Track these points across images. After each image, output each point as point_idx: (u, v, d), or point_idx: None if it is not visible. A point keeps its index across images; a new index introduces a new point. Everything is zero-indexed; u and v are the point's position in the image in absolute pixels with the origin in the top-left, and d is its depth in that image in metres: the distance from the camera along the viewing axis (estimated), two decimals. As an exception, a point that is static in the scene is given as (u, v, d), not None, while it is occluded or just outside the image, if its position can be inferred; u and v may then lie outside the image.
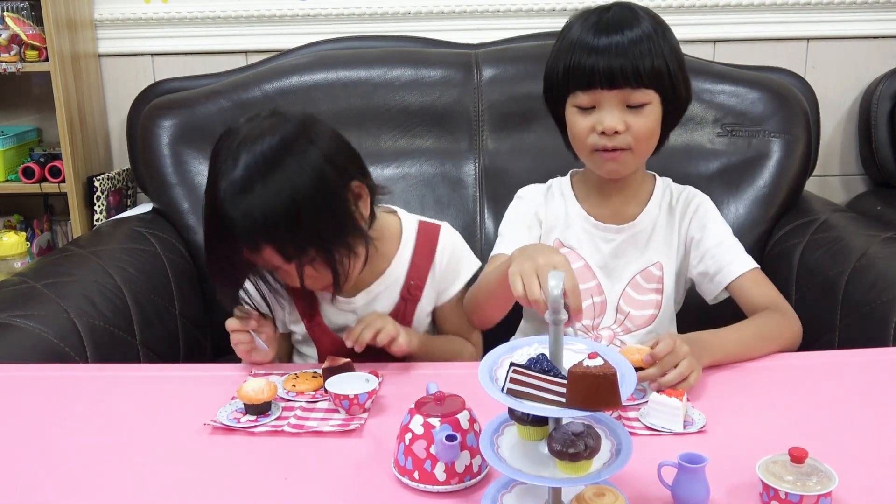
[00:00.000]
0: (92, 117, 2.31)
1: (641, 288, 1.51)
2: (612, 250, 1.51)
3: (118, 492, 1.01)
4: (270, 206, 1.19)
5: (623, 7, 1.42)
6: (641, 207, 1.51)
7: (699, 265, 1.48)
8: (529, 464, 0.88)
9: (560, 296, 0.87)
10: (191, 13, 2.30)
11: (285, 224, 1.20)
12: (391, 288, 1.46)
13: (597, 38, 1.36)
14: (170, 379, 1.35)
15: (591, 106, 1.39)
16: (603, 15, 1.40)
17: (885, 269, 1.56)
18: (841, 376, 1.26)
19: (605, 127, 1.37)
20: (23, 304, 1.50)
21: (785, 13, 2.28)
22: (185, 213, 1.96)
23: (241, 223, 1.21)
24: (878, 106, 2.25)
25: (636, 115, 1.38)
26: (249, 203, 1.20)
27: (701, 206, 1.51)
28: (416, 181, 1.96)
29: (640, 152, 1.42)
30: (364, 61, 2.03)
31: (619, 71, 1.35)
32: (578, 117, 1.41)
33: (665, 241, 1.51)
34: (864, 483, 0.97)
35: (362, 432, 1.13)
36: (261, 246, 1.23)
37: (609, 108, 1.38)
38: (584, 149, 1.43)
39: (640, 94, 1.37)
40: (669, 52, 1.39)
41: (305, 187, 1.21)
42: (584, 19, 1.42)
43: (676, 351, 1.19)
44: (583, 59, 1.36)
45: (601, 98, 1.38)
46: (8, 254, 2.20)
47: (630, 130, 1.38)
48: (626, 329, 1.50)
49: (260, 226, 1.20)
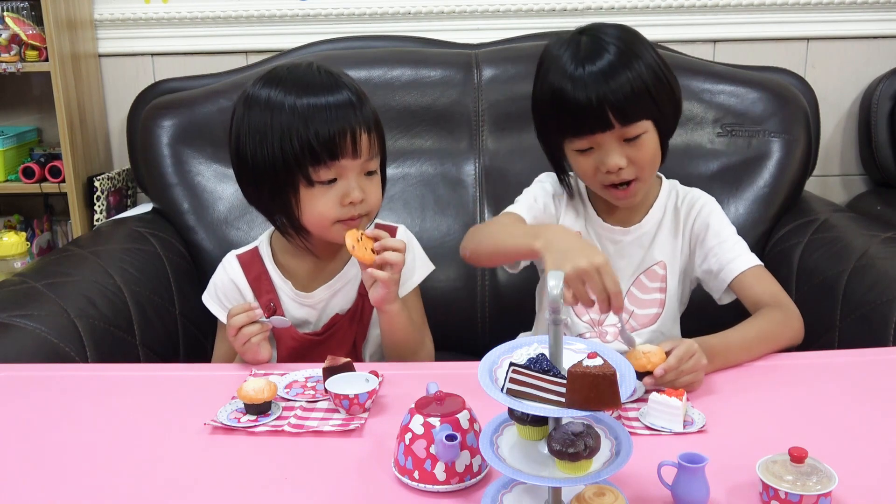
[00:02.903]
0: (92, 117, 2.31)
1: (645, 287, 1.51)
2: (617, 251, 1.52)
3: (118, 491, 1.01)
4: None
5: (591, 38, 1.39)
6: (647, 210, 1.52)
7: (703, 264, 1.49)
8: (529, 464, 0.88)
9: (559, 296, 0.87)
10: (191, 13, 2.30)
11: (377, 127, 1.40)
12: (350, 285, 1.49)
13: (576, 91, 1.35)
14: (170, 379, 1.35)
15: (589, 147, 1.40)
16: (576, 54, 1.38)
17: (885, 269, 1.56)
18: (841, 376, 1.26)
19: (608, 167, 1.39)
20: (23, 304, 1.50)
21: (785, 13, 2.28)
22: (185, 213, 1.96)
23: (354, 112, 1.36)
24: (878, 106, 2.25)
25: (636, 147, 1.39)
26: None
27: (705, 207, 1.52)
28: (416, 181, 1.96)
29: (647, 178, 1.45)
30: (364, 61, 2.03)
31: (607, 114, 1.35)
32: (580, 159, 1.43)
33: (669, 241, 1.52)
34: (864, 483, 0.97)
35: (362, 432, 1.13)
36: (369, 127, 1.37)
37: (608, 147, 1.39)
38: (595, 185, 1.46)
39: (633, 127, 1.38)
40: (647, 71, 1.36)
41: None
42: (556, 62, 1.39)
43: (696, 363, 1.19)
44: (569, 111, 1.37)
45: (597, 140, 1.39)
46: (8, 254, 2.20)
47: (633, 164, 1.39)
48: (631, 328, 1.51)
49: (370, 108, 1.40)
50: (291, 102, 1.35)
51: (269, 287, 1.49)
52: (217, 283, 1.52)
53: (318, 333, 1.48)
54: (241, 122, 1.40)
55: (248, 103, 1.40)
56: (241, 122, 1.40)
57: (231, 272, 1.50)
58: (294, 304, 1.48)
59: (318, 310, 1.49)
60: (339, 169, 1.36)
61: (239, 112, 1.41)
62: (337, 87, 1.37)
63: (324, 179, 1.37)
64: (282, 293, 1.48)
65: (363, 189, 1.39)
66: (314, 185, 1.37)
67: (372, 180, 1.42)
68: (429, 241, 1.80)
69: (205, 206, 1.95)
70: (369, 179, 1.41)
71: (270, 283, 1.49)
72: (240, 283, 1.49)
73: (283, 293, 1.48)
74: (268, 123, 1.36)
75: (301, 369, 1.32)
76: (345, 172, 1.37)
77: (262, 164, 1.37)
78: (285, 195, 1.39)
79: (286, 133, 1.34)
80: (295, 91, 1.36)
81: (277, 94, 1.37)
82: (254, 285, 1.49)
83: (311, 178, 1.36)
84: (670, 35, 2.23)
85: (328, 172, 1.36)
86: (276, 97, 1.37)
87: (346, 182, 1.37)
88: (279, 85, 1.38)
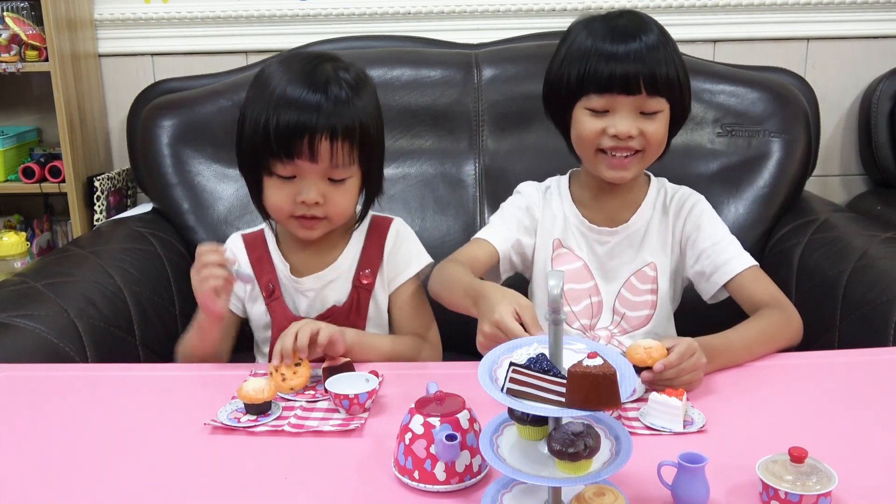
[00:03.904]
0: (92, 117, 2.31)
1: (636, 289, 1.51)
2: (607, 252, 1.51)
3: (118, 491, 1.01)
4: (366, 111, 1.37)
5: (633, 15, 1.43)
6: (635, 209, 1.51)
7: (695, 265, 1.49)
8: (529, 463, 0.88)
9: (560, 296, 0.87)
10: (191, 13, 2.30)
11: (373, 128, 1.38)
12: (343, 276, 1.49)
13: (614, 45, 1.37)
14: (170, 379, 1.35)
15: (604, 110, 1.40)
16: (614, 22, 1.40)
17: (885, 269, 1.56)
18: (841, 376, 1.26)
19: (618, 131, 1.38)
20: (23, 304, 1.50)
21: (785, 13, 2.28)
22: (185, 213, 1.96)
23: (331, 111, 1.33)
24: (878, 106, 2.25)
25: (649, 121, 1.40)
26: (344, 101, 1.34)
27: (696, 206, 1.52)
28: (416, 181, 1.96)
29: (649, 157, 1.44)
30: (364, 61, 2.02)
31: (637, 77, 1.36)
32: (589, 118, 1.41)
33: (659, 242, 1.51)
34: (864, 483, 0.97)
35: (362, 432, 1.13)
36: (335, 136, 1.33)
37: (624, 113, 1.39)
38: (589, 150, 1.44)
39: (654, 101, 1.38)
40: (679, 61, 1.41)
41: (377, 114, 1.42)
42: (590, 27, 1.41)
43: (696, 362, 1.19)
44: (600, 66, 1.37)
45: (616, 103, 1.38)
46: (8, 254, 2.20)
47: (643, 136, 1.39)
48: (623, 330, 1.51)
49: (349, 119, 1.34)
50: (272, 89, 1.35)
51: (269, 268, 1.49)
52: None
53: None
54: (247, 92, 1.42)
55: (256, 76, 1.42)
56: (247, 92, 1.42)
57: (235, 249, 1.51)
58: (289, 287, 1.49)
59: (309, 298, 1.49)
60: (296, 168, 1.35)
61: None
62: (325, 87, 1.34)
63: (281, 174, 1.37)
64: (280, 274, 1.49)
65: (324, 194, 1.37)
66: (273, 176, 1.37)
67: (338, 188, 1.38)
68: (429, 241, 1.79)
69: (205, 206, 1.96)
70: (336, 186, 1.38)
71: (271, 264, 1.49)
72: (242, 260, 1.49)
73: (282, 274, 1.49)
74: (254, 103, 1.37)
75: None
76: (303, 173, 1.36)
77: (241, 140, 1.40)
78: (254, 177, 1.41)
79: (258, 118, 1.35)
80: (286, 79, 1.35)
81: (273, 77, 1.37)
82: (255, 265, 1.49)
83: (271, 168, 1.36)
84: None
85: (285, 169, 1.36)
86: (270, 79, 1.37)
87: (304, 182, 1.36)
88: (282, 66, 1.39)
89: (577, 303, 1.50)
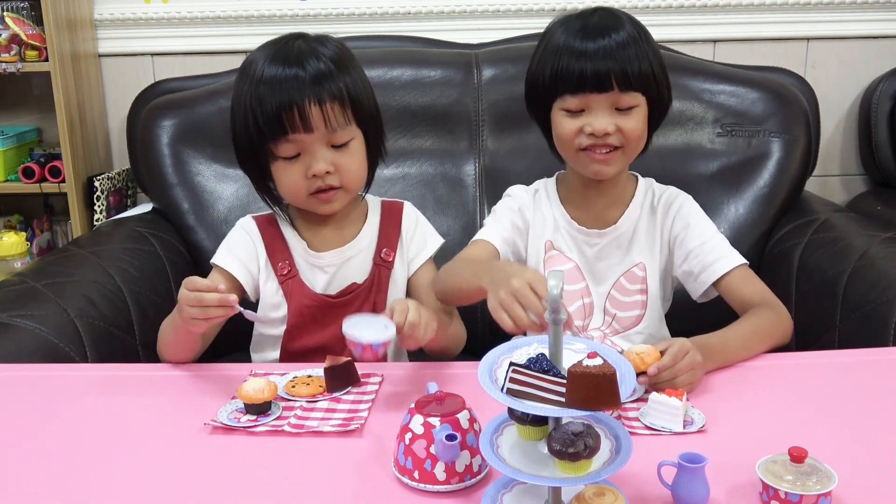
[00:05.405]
0: (92, 117, 2.32)
1: (626, 290, 1.51)
2: (596, 254, 1.51)
3: (118, 491, 1.01)
4: (347, 71, 1.38)
5: (606, 12, 1.43)
6: (623, 210, 1.51)
7: (683, 264, 1.49)
8: (529, 463, 0.88)
9: (559, 295, 0.87)
10: (191, 13, 2.30)
11: (359, 85, 1.39)
12: (363, 253, 1.50)
13: (584, 43, 1.37)
14: (170, 379, 1.35)
15: (579, 109, 1.40)
16: (587, 20, 1.41)
17: (885, 269, 1.55)
18: (841, 376, 1.26)
19: (594, 129, 1.38)
20: (23, 304, 1.50)
21: (785, 13, 2.28)
22: (185, 213, 1.96)
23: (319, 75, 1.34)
24: (878, 106, 2.25)
25: (625, 117, 1.39)
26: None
27: (683, 206, 1.52)
28: (416, 181, 1.96)
29: (629, 153, 1.44)
30: (364, 61, 2.01)
31: (608, 74, 1.36)
32: (566, 119, 1.42)
33: (647, 242, 1.51)
34: (864, 483, 0.97)
35: (362, 432, 1.13)
36: (322, 100, 1.33)
37: (598, 111, 1.39)
38: (570, 150, 1.44)
39: (628, 97, 1.38)
40: (654, 56, 1.41)
41: (361, 74, 1.44)
42: (566, 24, 1.42)
43: (691, 362, 1.19)
44: (571, 64, 1.37)
45: (590, 101, 1.39)
46: (8, 254, 2.20)
47: (621, 132, 1.39)
48: (615, 330, 1.51)
49: (331, 81, 1.35)
50: (252, 74, 1.36)
51: (283, 247, 1.49)
52: (232, 240, 1.51)
53: (333, 297, 1.48)
54: (234, 87, 1.42)
55: (240, 69, 1.42)
56: (234, 87, 1.42)
57: (248, 229, 1.51)
58: (306, 264, 1.48)
59: (328, 274, 1.48)
60: (298, 144, 1.36)
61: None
62: (300, 59, 1.35)
63: (285, 155, 1.37)
64: (295, 253, 1.48)
65: (333, 161, 1.37)
66: (278, 160, 1.37)
67: (344, 152, 1.39)
68: (429, 241, 1.80)
69: (205, 206, 1.96)
70: (341, 151, 1.38)
71: (285, 244, 1.49)
72: (256, 240, 1.49)
73: (297, 253, 1.49)
74: (240, 94, 1.38)
75: (301, 369, 1.32)
76: (305, 147, 1.36)
77: (236, 136, 1.41)
78: (258, 168, 1.41)
79: (248, 107, 1.36)
80: (263, 62, 1.36)
81: (252, 64, 1.38)
82: (268, 245, 1.49)
83: (274, 152, 1.36)
84: (670, 35, 2.23)
85: (287, 148, 1.36)
86: (249, 67, 1.38)
87: (310, 156, 1.36)
88: (258, 52, 1.40)
89: (570, 304, 1.51)
